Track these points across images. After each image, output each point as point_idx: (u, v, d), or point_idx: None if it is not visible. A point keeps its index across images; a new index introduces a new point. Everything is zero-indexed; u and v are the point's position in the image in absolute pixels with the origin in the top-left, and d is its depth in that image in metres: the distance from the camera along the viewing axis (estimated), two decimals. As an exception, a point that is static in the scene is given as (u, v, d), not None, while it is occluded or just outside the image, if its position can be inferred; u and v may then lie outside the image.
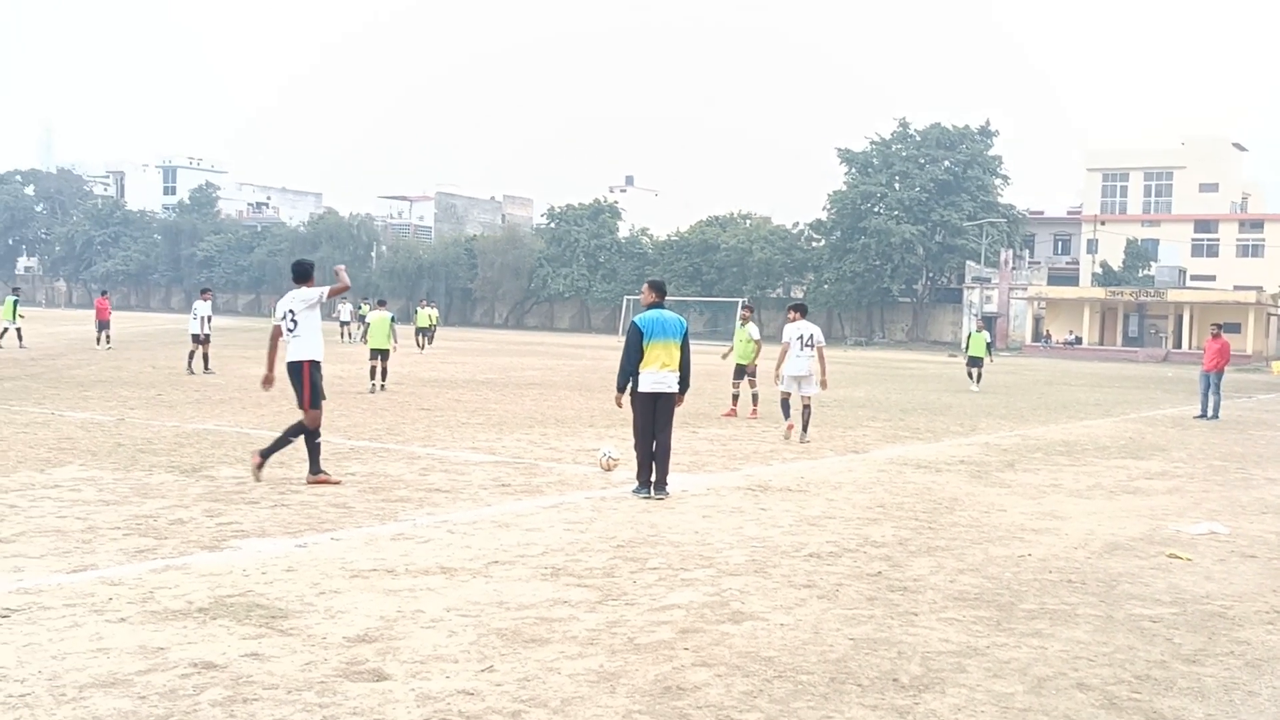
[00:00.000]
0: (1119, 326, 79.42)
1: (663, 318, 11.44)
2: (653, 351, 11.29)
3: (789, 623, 6.75)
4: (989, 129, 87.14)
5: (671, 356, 11.31)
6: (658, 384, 11.29)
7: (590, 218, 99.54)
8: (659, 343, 11.31)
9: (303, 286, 11.63)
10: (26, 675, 5.35)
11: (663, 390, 11.31)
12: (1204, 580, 8.41)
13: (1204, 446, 18.36)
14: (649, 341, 11.30)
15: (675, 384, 11.36)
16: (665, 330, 11.37)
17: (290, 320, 11.42)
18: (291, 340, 11.44)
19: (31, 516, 9.05)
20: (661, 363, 11.27)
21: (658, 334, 11.34)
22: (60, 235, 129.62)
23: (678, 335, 11.42)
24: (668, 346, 11.32)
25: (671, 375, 11.31)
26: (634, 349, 11.33)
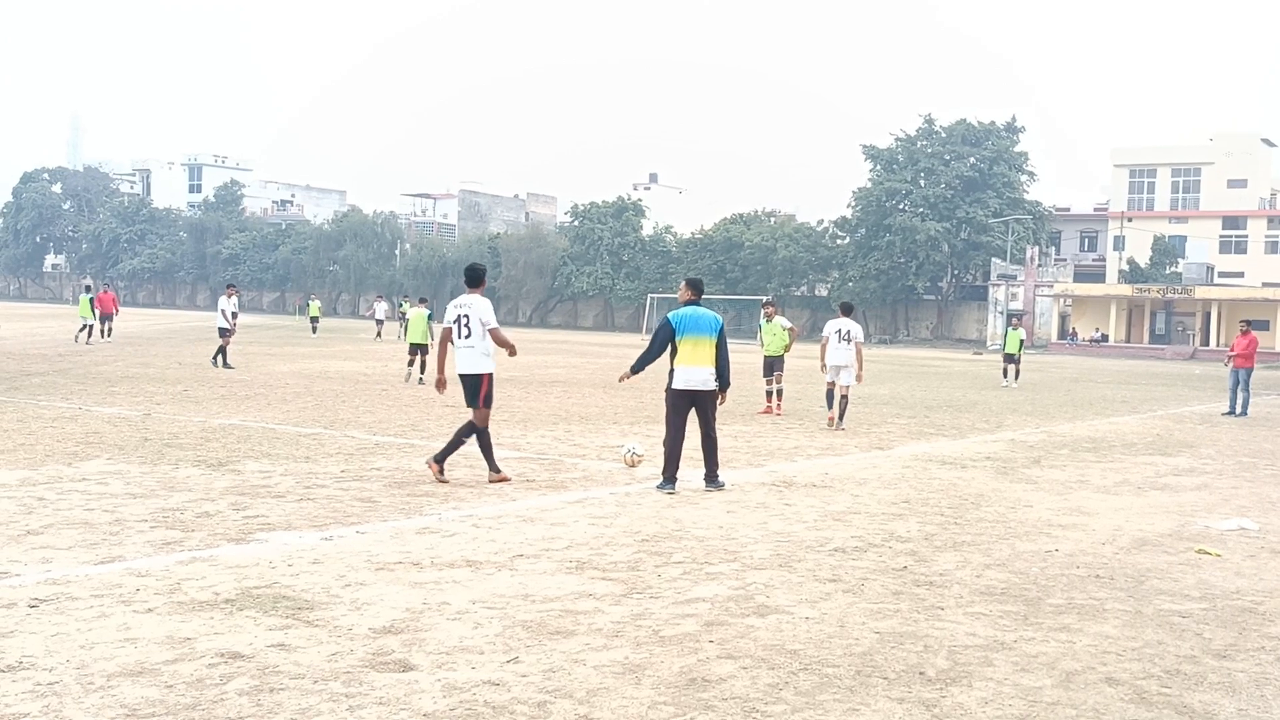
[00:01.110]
0: (1146, 324, 78.96)
1: (697, 314, 11.47)
2: (686, 348, 11.32)
3: (814, 616, 6.73)
4: (1015, 125, 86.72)
5: (705, 355, 11.32)
6: (691, 381, 11.32)
7: (614, 215, 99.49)
8: (692, 339, 11.33)
9: (475, 293, 11.55)
10: (55, 664, 5.38)
11: (698, 388, 11.35)
12: (1234, 576, 8.34)
13: (1233, 443, 18.23)
14: (681, 338, 11.33)
15: (712, 381, 11.38)
16: (699, 327, 11.37)
17: (465, 327, 11.36)
18: (465, 349, 11.36)
19: (60, 509, 9.10)
20: (696, 360, 11.30)
21: (690, 330, 11.35)
22: (87, 233, 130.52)
23: (712, 332, 11.41)
24: (701, 343, 11.33)
25: (707, 372, 11.34)
26: (659, 342, 11.41)
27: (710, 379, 11.37)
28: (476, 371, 11.34)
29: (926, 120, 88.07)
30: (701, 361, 11.31)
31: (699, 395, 11.39)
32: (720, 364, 11.42)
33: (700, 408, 11.43)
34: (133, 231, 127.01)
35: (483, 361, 11.36)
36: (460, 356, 11.41)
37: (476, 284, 11.66)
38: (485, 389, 11.36)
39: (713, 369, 11.37)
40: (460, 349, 11.40)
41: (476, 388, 11.33)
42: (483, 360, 11.36)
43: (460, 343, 11.39)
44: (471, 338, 11.34)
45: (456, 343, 11.43)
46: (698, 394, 11.38)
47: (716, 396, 11.52)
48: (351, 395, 20.71)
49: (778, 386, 20.56)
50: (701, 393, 11.39)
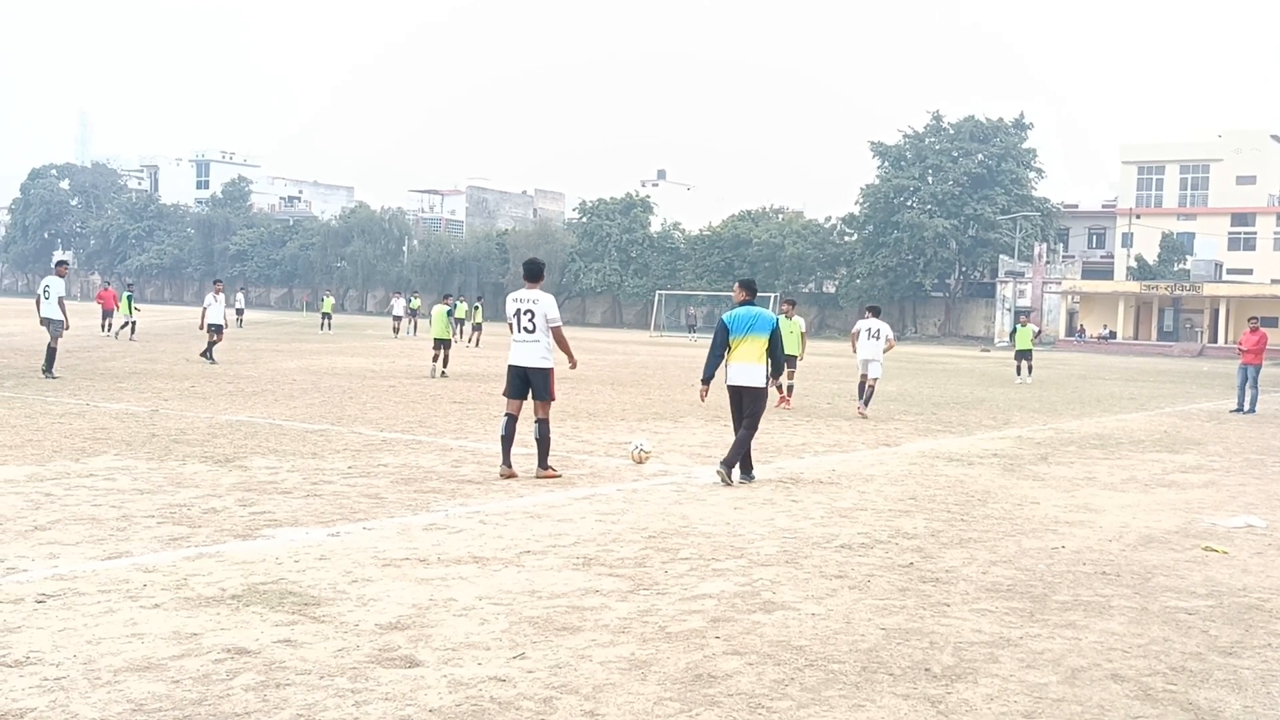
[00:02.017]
0: (1154, 321, 78.88)
1: (751, 314, 11.84)
2: (740, 347, 11.73)
3: (820, 612, 6.73)
4: (1023, 121, 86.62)
5: (757, 352, 11.68)
6: (739, 378, 11.74)
7: (622, 212, 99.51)
8: (745, 338, 11.72)
9: (535, 287, 11.53)
10: (62, 659, 5.39)
11: (745, 384, 11.72)
12: (1240, 573, 8.33)
13: (1240, 440, 18.20)
14: (734, 337, 11.76)
15: (761, 379, 11.74)
16: (753, 327, 11.75)
17: (530, 321, 11.37)
18: (529, 343, 11.39)
19: (67, 504, 9.12)
20: (747, 358, 11.69)
21: (743, 330, 11.75)
22: (95, 229, 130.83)
23: (766, 331, 11.75)
24: (753, 342, 11.70)
25: (756, 369, 11.70)
26: (717, 344, 11.82)
27: (759, 376, 11.74)
28: (541, 366, 11.39)
29: (935, 117, 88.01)
30: (752, 359, 11.71)
31: (746, 390, 11.76)
32: (774, 358, 11.82)
33: (747, 402, 11.77)
34: (140, 228, 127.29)
35: (549, 356, 11.45)
36: (521, 350, 11.45)
37: (536, 278, 11.61)
38: (553, 382, 11.54)
39: (762, 366, 11.74)
40: (522, 342, 11.44)
41: (543, 381, 11.39)
42: (548, 355, 11.44)
43: (522, 336, 11.42)
44: (536, 332, 11.39)
45: (517, 336, 11.46)
46: (745, 390, 11.76)
47: (764, 394, 11.93)
48: (358, 391, 20.73)
49: (789, 383, 20.80)
50: (750, 389, 11.75)
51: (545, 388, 11.44)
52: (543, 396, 11.44)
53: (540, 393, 11.43)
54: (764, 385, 11.84)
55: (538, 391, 11.43)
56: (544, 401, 11.45)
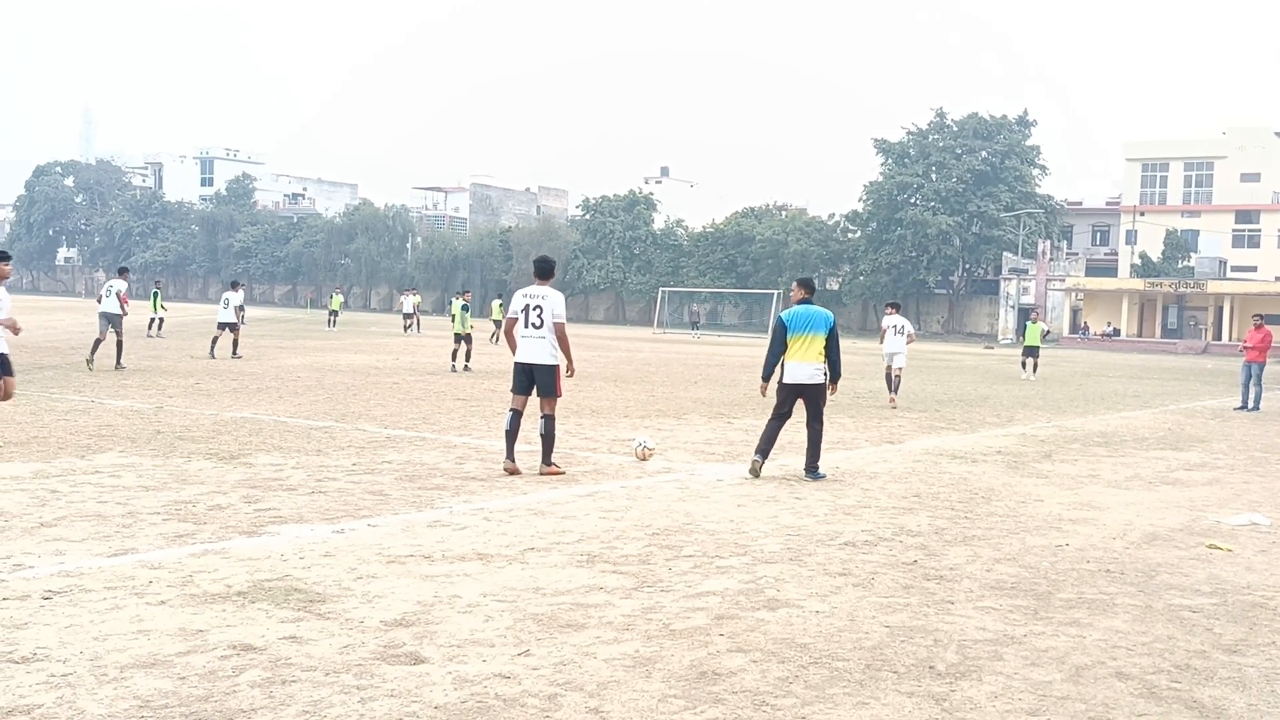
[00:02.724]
0: (1158, 318, 78.82)
1: (809, 312, 12.09)
2: (796, 345, 11.93)
3: (824, 610, 6.74)
4: (1027, 119, 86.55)
5: (814, 350, 11.90)
6: (798, 375, 11.95)
7: (625, 209, 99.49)
8: (803, 336, 11.94)
9: (545, 284, 11.59)
10: (68, 656, 5.41)
11: (804, 381, 11.96)
12: (1245, 571, 8.33)
13: (1245, 438, 18.18)
14: (792, 335, 11.96)
15: (820, 375, 11.97)
16: (810, 325, 11.98)
17: (538, 317, 11.41)
18: (536, 339, 11.41)
19: (73, 501, 9.14)
20: (805, 356, 11.91)
21: (801, 328, 11.96)
22: (99, 226, 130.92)
23: (823, 329, 11.98)
24: (809, 340, 11.91)
25: (814, 367, 11.93)
26: (776, 342, 12.04)
27: (817, 373, 11.97)
28: (547, 363, 11.44)
29: (938, 114, 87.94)
30: (810, 357, 11.92)
31: (806, 388, 11.99)
32: (832, 358, 11.99)
33: (808, 400, 12.02)
34: (145, 224, 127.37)
35: (555, 352, 11.49)
36: (529, 346, 11.47)
37: (547, 276, 11.72)
38: (560, 378, 11.58)
39: (821, 364, 11.96)
40: (530, 338, 11.46)
41: (549, 378, 11.44)
42: (555, 352, 11.49)
43: (529, 332, 11.45)
44: (543, 328, 11.42)
45: (524, 332, 11.48)
46: (805, 387, 11.98)
47: (824, 390, 12.08)
48: (363, 388, 20.74)
49: None
50: (809, 386, 11.98)
51: (551, 384, 11.47)
52: (549, 393, 11.47)
53: (546, 389, 11.46)
54: (823, 382, 12.03)
55: (544, 388, 11.46)
56: (550, 398, 11.48)
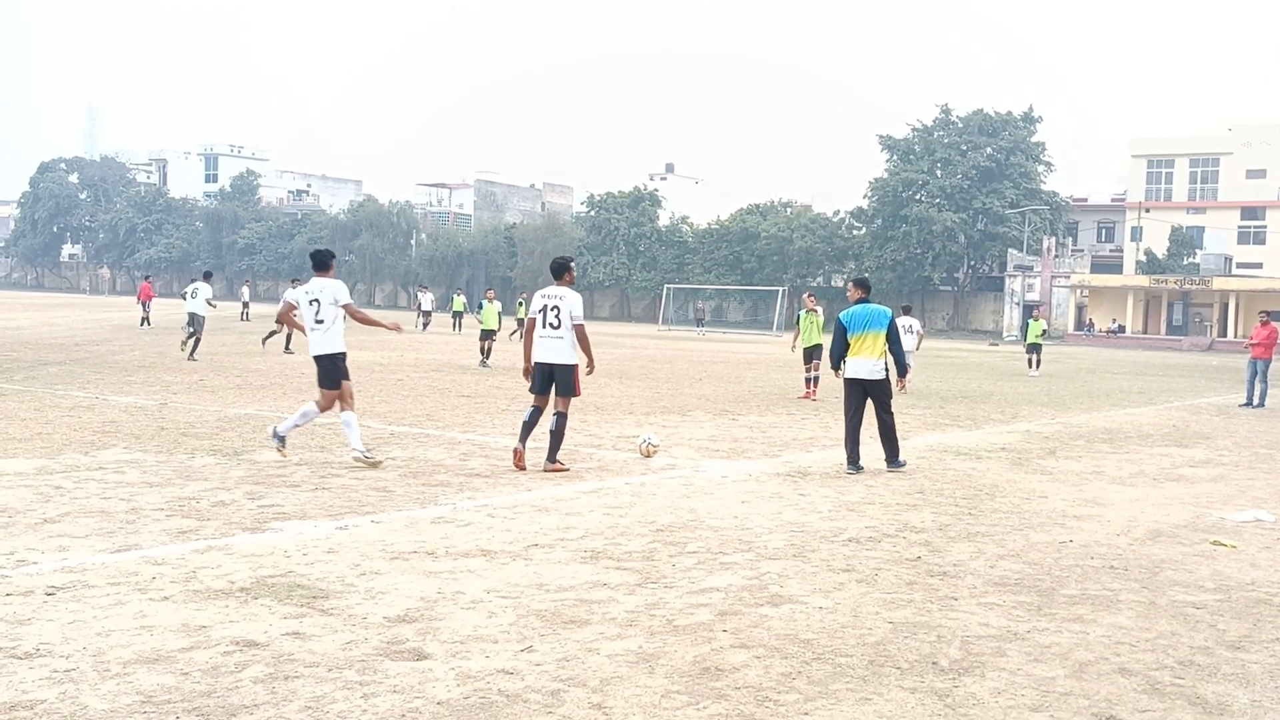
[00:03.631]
0: (1163, 315, 78.65)
1: (868, 311, 12.58)
2: (858, 342, 12.41)
3: (828, 606, 6.73)
4: (1032, 115, 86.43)
5: (874, 347, 12.36)
6: (860, 371, 12.41)
7: (630, 206, 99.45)
8: (862, 335, 12.42)
9: (563, 284, 11.74)
10: (72, 651, 5.42)
11: (866, 377, 12.38)
12: (1249, 567, 8.32)
13: (1250, 434, 18.16)
14: (852, 334, 12.45)
15: (879, 371, 12.39)
16: (869, 323, 12.46)
17: (556, 318, 11.54)
18: (554, 339, 11.56)
19: (76, 497, 9.15)
20: (866, 352, 12.37)
21: (860, 326, 12.45)
22: (104, 222, 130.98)
23: (882, 326, 12.46)
24: (871, 337, 12.37)
25: (873, 364, 12.36)
26: (838, 339, 12.58)
27: (879, 369, 12.40)
28: (565, 362, 11.55)
29: (943, 110, 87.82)
30: (871, 354, 12.38)
31: (870, 384, 12.40)
32: (894, 352, 12.54)
33: (873, 395, 12.42)
34: (149, 221, 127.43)
35: (572, 352, 11.61)
36: (547, 346, 11.59)
37: (563, 275, 11.82)
38: (578, 376, 11.70)
39: (882, 360, 12.43)
40: (547, 339, 11.58)
41: (568, 377, 11.56)
42: (572, 351, 11.61)
43: (547, 333, 11.57)
44: (560, 328, 11.55)
45: (542, 332, 11.60)
46: (869, 383, 12.39)
47: (887, 385, 12.51)
48: (367, 385, 20.74)
49: (815, 374, 21.51)
50: (872, 381, 12.39)
51: (569, 384, 11.58)
52: (567, 392, 11.59)
53: (565, 388, 11.58)
54: (885, 378, 12.45)
55: (562, 387, 11.57)
56: (566, 397, 11.62)
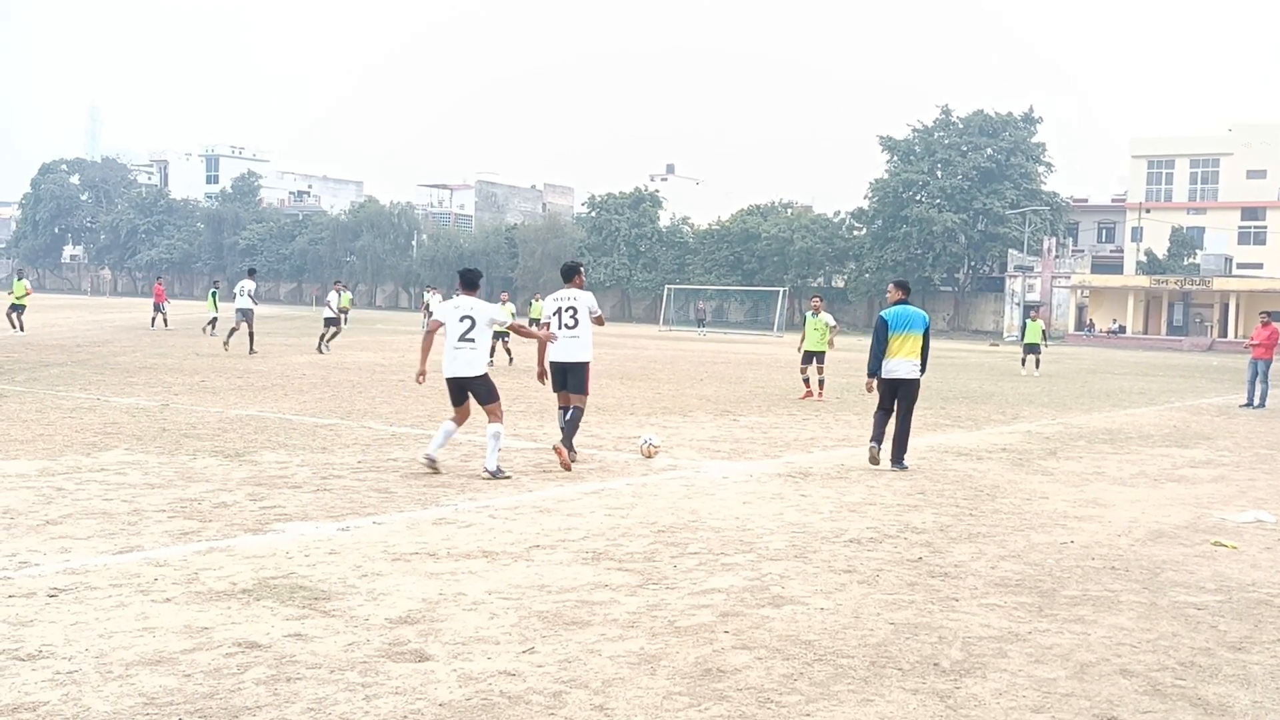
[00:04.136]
0: (1163, 315, 78.61)
1: (907, 313, 12.97)
2: (896, 343, 12.80)
3: (829, 607, 6.74)
4: (1032, 116, 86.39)
5: (912, 347, 12.78)
6: (896, 371, 12.80)
7: (631, 206, 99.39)
8: (902, 335, 12.80)
9: (572, 286, 12.29)
10: (74, 653, 5.42)
11: (902, 376, 12.80)
12: (1250, 568, 8.32)
13: (1250, 435, 18.16)
14: (892, 333, 12.82)
15: (916, 371, 12.83)
16: (909, 324, 12.85)
17: (572, 318, 12.10)
18: (570, 339, 12.08)
19: (78, 499, 9.16)
20: (902, 353, 12.78)
21: (900, 327, 12.83)
22: (105, 224, 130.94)
23: (920, 328, 12.86)
24: (908, 338, 12.78)
25: (911, 363, 12.78)
26: (879, 340, 12.87)
27: (914, 369, 12.82)
28: (579, 360, 12.13)
29: (943, 111, 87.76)
30: (907, 354, 12.79)
31: (903, 383, 12.81)
32: (923, 354, 12.88)
33: (902, 394, 12.82)
34: (150, 222, 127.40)
35: (587, 351, 12.20)
36: (564, 346, 12.12)
37: (573, 278, 12.40)
38: (587, 379, 12.28)
39: (917, 360, 12.83)
40: (564, 339, 12.10)
41: (581, 375, 12.15)
42: (588, 349, 12.20)
43: (564, 333, 12.10)
44: (577, 328, 12.12)
45: (559, 333, 12.11)
46: (902, 381, 12.80)
47: (918, 385, 12.93)
48: (368, 386, 20.76)
49: (820, 377, 21.72)
50: (906, 380, 12.81)
51: (582, 382, 12.15)
52: (580, 390, 12.14)
53: (578, 386, 12.13)
54: (918, 377, 12.86)
55: (575, 384, 12.13)
56: (580, 394, 12.16)
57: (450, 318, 11.27)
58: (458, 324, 11.22)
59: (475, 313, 11.28)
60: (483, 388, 11.22)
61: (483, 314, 11.31)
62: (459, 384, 11.28)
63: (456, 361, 11.21)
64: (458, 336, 11.20)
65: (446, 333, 11.31)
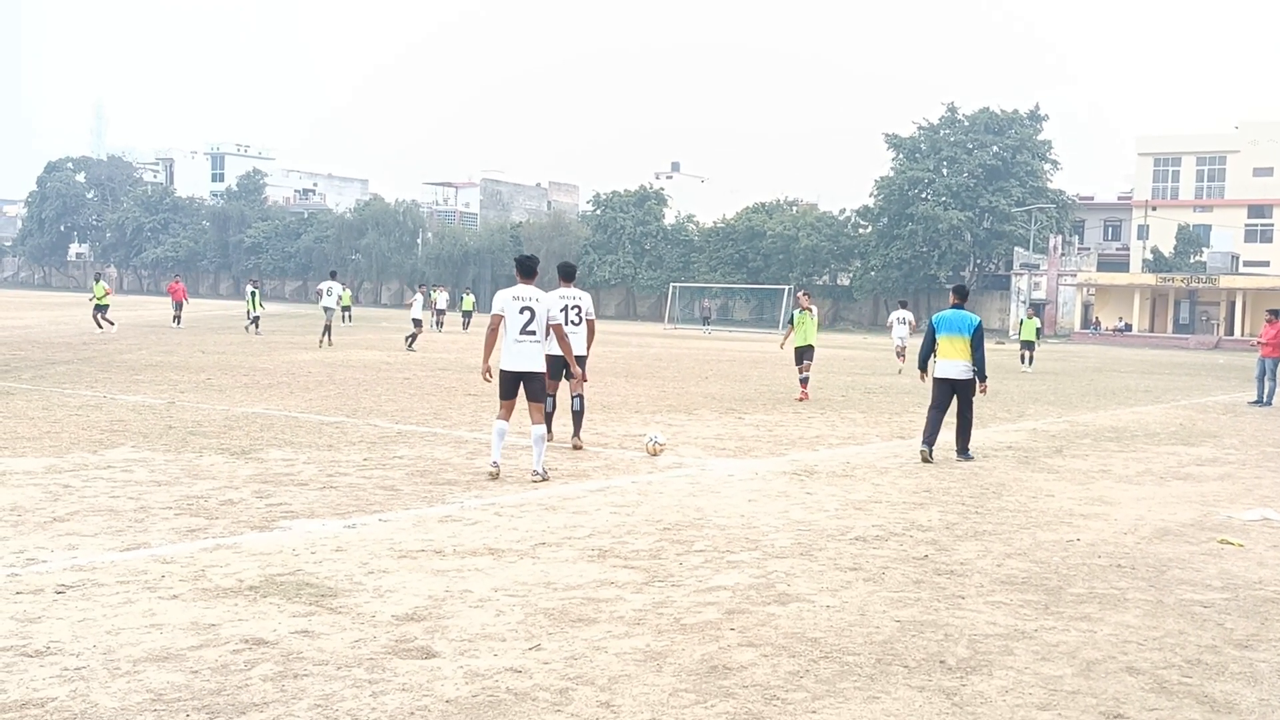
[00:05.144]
0: (1170, 313, 78.54)
1: (957, 316, 13.71)
2: (943, 345, 13.60)
3: (835, 605, 6.74)
4: (1038, 113, 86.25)
5: (960, 349, 13.46)
6: (947, 371, 13.55)
7: (636, 204, 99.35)
8: (947, 337, 13.58)
9: (571, 285, 13.51)
10: (82, 650, 5.44)
11: (954, 377, 13.51)
12: (1256, 566, 8.32)
13: (1257, 433, 18.13)
14: (940, 335, 13.65)
15: (966, 372, 13.47)
16: (954, 327, 13.60)
17: (576, 315, 13.42)
18: (573, 334, 13.15)
19: (85, 496, 9.17)
20: (951, 354, 13.52)
21: (947, 329, 13.62)
22: (111, 222, 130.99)
23: (966, 331, 13.53)
24: (955, 341, 13.50)
25: (961, 364, 13.46)
26: (927, 339, 13.84)
27: (965, 370, 13.48)
28: (580, 353, 13.42)
29: (949, 108, 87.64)
30: (956, 355, 13.51)
31: (956, 383, 13.53)
32: (975, 357, 13.43)
33: (959, 393, 13.58)
34: (156, 220, 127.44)
35: (584, 345, 13.55)
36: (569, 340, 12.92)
37: (571, 278, 13.55)
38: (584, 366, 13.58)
39: (967, 362, 13.46)
40: (569, 334, 12.87)
41: (581, 365, 13.35)
42: (584, 344, 13.55)
43: (569, 329, 13.09)
44: (581, 325, 13.49)
45: (570, 329, 13.15)
46: (955, 381, 13.53)
47: (972, 385, 13.54)
48: (374, 384, 20.78)
49: (805, 375, 21.11)
50: (958, 381, 13.52)
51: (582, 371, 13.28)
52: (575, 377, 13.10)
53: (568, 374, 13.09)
54: (971, 378, 13.48)
55: (571, 373, 12.94)
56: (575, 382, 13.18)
57: (510, 309, 10.94)
58: (518, 316, 10.90)
59: (536, 304, 10.99)
60: (539, 384, 11.02)
61: (544, 305, 11.04)
62: (516, 378, 10.95)
63: (518, 355, 10.88)
64: (519, 329, 10.88)
65: (506, 325, 10.93)
